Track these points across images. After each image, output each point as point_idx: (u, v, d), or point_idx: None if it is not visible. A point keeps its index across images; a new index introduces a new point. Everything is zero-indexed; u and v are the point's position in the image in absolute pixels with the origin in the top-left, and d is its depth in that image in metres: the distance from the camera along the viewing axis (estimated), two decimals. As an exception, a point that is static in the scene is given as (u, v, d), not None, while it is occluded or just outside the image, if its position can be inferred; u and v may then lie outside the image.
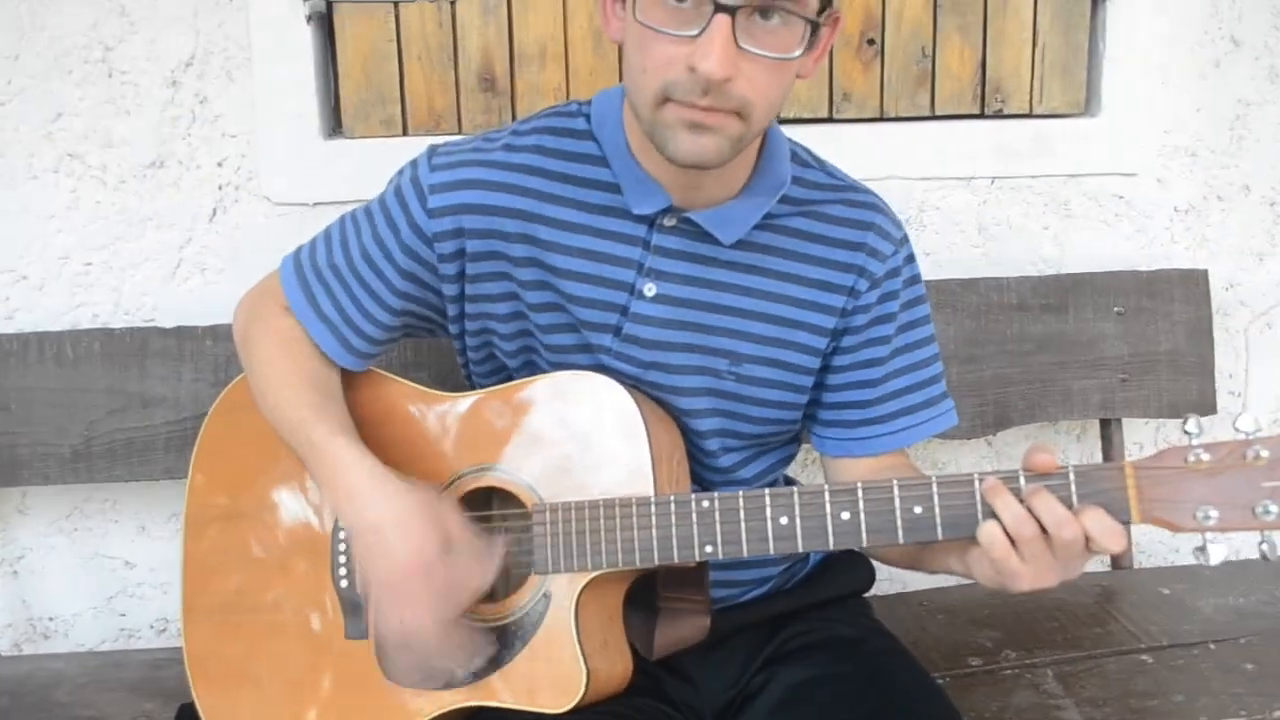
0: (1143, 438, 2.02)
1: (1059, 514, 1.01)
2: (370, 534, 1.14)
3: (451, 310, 1.28)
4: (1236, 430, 1.00)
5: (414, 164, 1.25)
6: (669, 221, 1.21)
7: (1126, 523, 1.03)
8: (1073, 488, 1.04)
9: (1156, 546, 2.06)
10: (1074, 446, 2.03)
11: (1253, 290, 2.01)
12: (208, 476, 1.35)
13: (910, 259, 1.30)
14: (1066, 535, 1.01)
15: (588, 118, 1.25)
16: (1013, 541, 1.03)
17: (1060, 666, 1.53)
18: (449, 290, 1.26)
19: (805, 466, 1.91)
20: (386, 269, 1.25)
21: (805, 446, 1.44)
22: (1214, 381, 1.90)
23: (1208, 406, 1.89)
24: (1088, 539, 1.01)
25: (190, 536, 1.34)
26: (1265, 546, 0.99)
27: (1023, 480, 1.05)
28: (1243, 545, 1.06)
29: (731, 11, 1.02)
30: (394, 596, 1.13)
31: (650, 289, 1.22)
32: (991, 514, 1.04)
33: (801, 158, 1.29)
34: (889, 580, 1.93)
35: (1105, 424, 1.91)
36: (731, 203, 1.21)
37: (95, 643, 1.90)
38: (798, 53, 1.07)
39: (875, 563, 1.40)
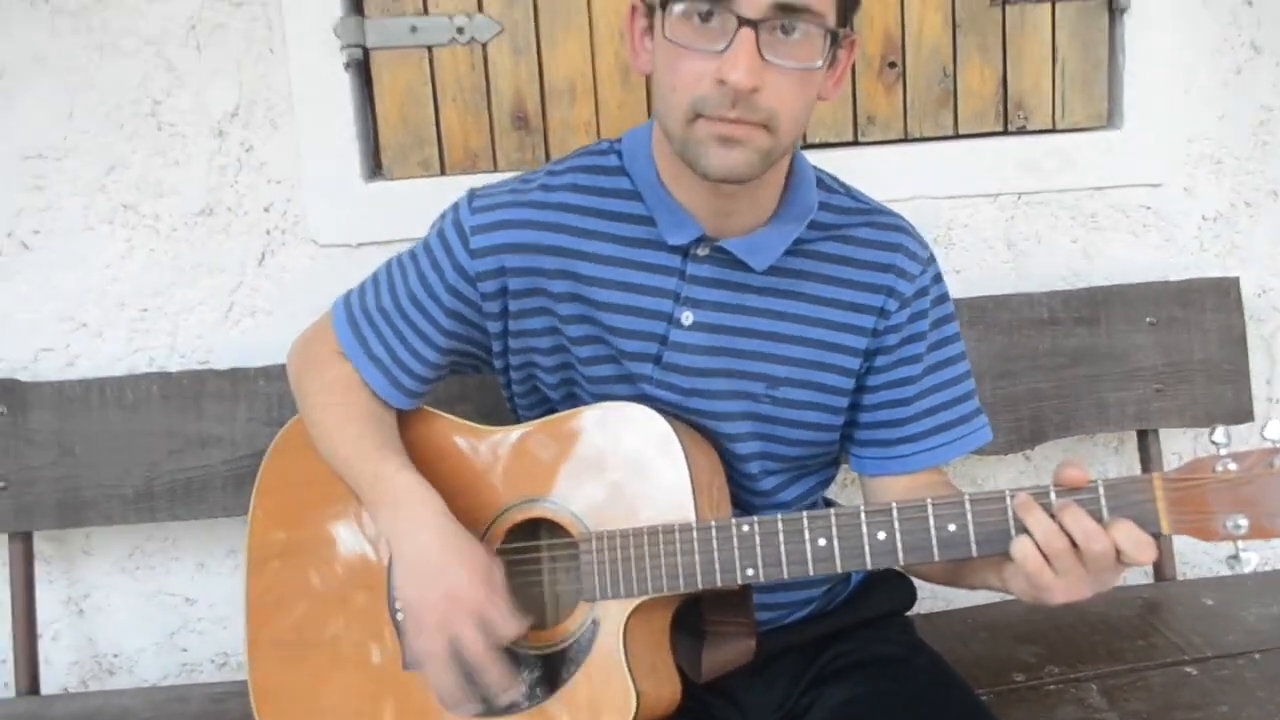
0: (1181, 447, 2.03)
1: (1088, 528, 1.04)
2: (431, 559, 1.18)
3: (496, 346, 1.33)
4: (1264, 438, 1.02)
5: (455, 207, 1.30)
6: (702, 251, 1.25)
7: (1157, 535, 1.05)
8: (1102, 501, 1.06)
9: (1200, 557, 2.06)
10: (1112, 459, 2.04)
11: (1286, 295, 2.02)
12: (268, 513, 1.39)
13: (938, 278, 1.33)
14: (1097, 548, 1.04)
15: (619, 154, 1.29)
16: (1045, 556, 1.06)
17: (1104, 680, 1.54)
18: (493, 327, 1.31)
19: (844, 487, 1.93)
20: (433, 309, 1.30)
21: (843, 468, 1.46)
22: (1250, 388, 1.91)
23: (1244, 414, 1.89)
24: (1118, 551, 1.04)
25: (253, 572, 1.38)
26: (1296, 551, 1.02)
27: (1053, 495, 1.08)
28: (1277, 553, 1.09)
29: (755, 25, 1.07)
30: (445, 619, 1.16)
31: (688, 317, 1.26)
32: (1023, 529, 1.07)
33: (827, 183, 1.32)
34: (931, 598, 1.95)
35: (1143, 435, 1.91)
36: (762, 230, 1.25)
37: (158, 678, 1.95)
38: (819, 63, 1.11)
39: (917, 581, 1.43)
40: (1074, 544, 1.05)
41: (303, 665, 1.33)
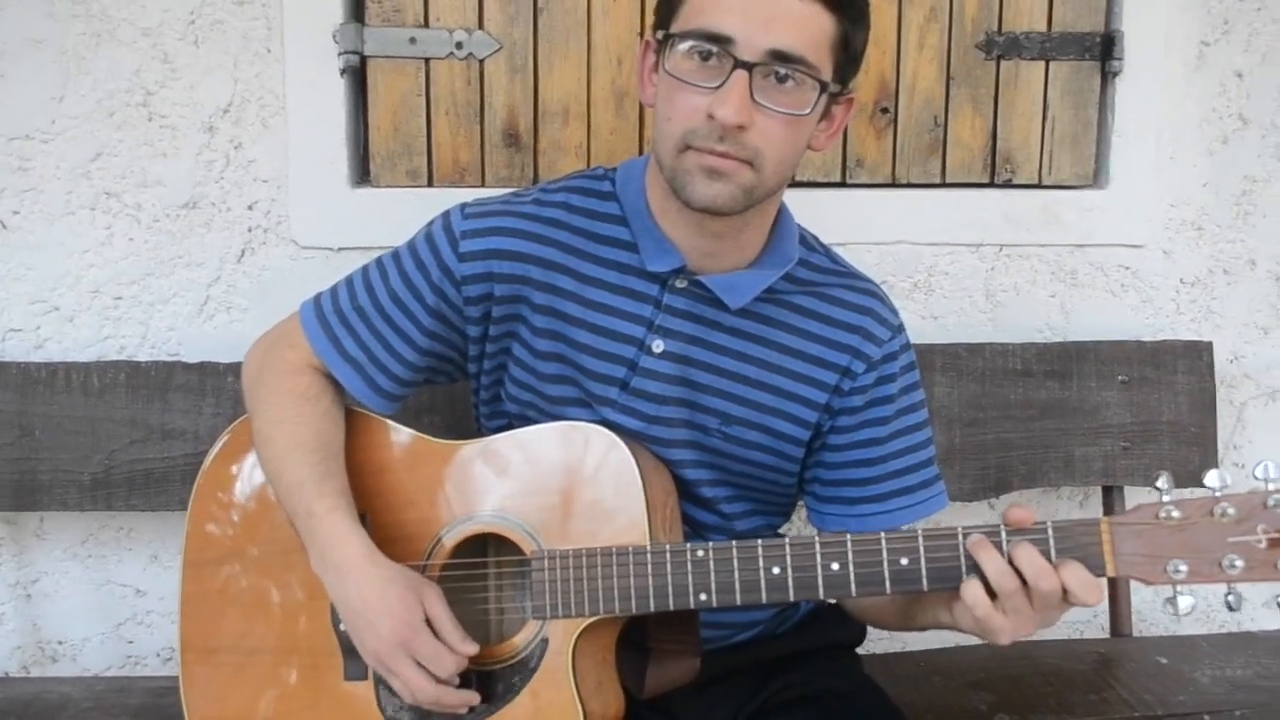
0: (1146, 507, 2.03)
1: (1039, 566, 1.06)
2: (356, 611, 1.20)
3: (472, 351, 1.33)
4: (1205, 486, 1.05)
5: (446, 214, 1.32)
6: (680, 283, 1.27)
7: (1101, 575, 1.07)
8: (1051, 542, 1.09)
9: (1158, 615, 2.06)
10: (1077, 513, 2.04)
11: (1257, 364, 2.03)
12: (208, 516, 1.36)
13: (907, 346, 1.35)
14: (1045, 587, 1.06)
15: (613, 181, 1.32)
16: (994, 595, 1.07)
17: (1053, 732, 1.53)
18: (473, 332, 1.31)
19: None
20: (415, 308, 1.30)
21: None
22: (1216, 452, 1.91)
23: (1210, 477, 1.90)
24: (1065, 591, 1.06)
25: (189, 576, 1.35)
26: (1231, 597, 1.06)
27: (1004, 534, 1.10)
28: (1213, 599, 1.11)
29: (750, 68, 1.11)
30: (388, 667, 1.19)
31: (659, 345, 1.27)
32: (974, 568, 1.09)
33: (809, 242, 1.36)
34: (888, 639, 1.94)
35: (1108, 491, 1.92)
36: (741, 272, 1.27)
37: (101, 668, 1.93)
38: (808, 111, 1.15)
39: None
40: (1024, 582, 1.06)
41: (239, 673, 1.31)
